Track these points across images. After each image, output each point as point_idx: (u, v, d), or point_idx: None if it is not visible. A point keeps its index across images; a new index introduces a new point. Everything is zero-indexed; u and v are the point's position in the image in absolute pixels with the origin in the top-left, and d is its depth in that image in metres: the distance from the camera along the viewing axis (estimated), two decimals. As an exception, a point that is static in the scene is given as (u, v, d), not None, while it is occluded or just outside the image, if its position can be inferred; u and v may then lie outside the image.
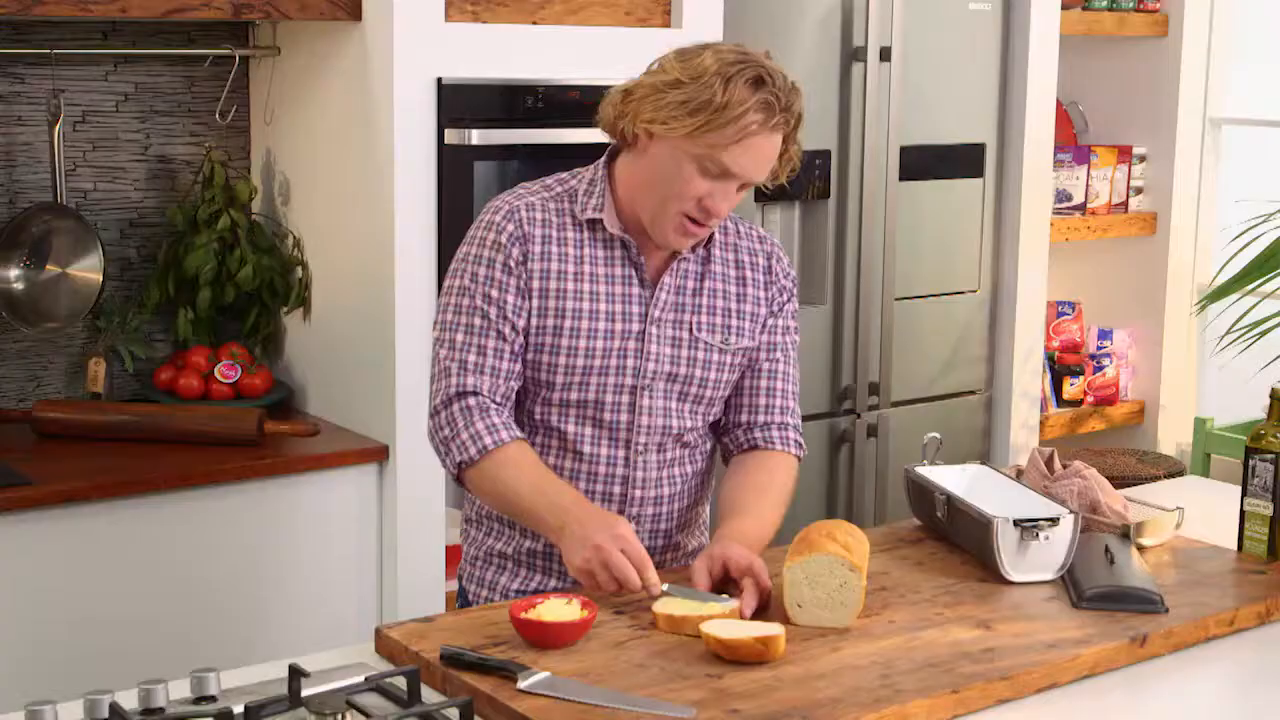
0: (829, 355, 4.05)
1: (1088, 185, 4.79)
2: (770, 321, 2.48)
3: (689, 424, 2.42)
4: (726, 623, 2.08)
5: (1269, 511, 2.51)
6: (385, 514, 3.35)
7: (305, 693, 1.87)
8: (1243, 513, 2.55)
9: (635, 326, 2.36)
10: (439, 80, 3.29)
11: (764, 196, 3.85)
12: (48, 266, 3.44)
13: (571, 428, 2.37)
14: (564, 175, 2.42)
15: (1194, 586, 2.39)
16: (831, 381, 4.06)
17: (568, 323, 2.33)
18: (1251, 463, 2.53)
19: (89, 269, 3.43)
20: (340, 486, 3.32)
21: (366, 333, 3.37)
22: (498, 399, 2.33)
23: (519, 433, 2.33)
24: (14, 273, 3.41)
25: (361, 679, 1.93)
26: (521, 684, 1.94)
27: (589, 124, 2.44)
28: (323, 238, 3.57)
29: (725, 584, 2.26)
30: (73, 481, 3.04)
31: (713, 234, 2.42)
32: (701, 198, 2.27)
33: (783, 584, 2.19)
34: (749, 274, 2.46)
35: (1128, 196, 4.89)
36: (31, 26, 3.42)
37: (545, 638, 2.06)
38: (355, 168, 3.41)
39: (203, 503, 3.17)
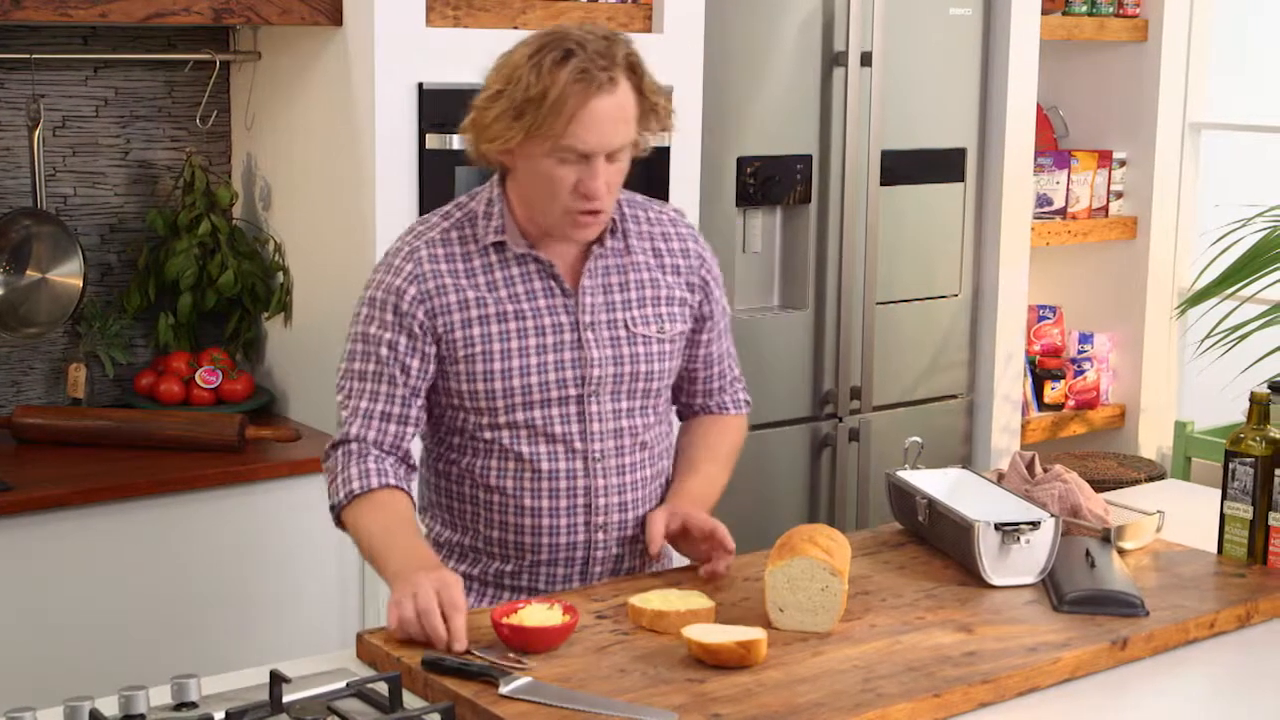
0: (811, 360, 4.06)
1: (1068, 190, 4.80)
2: (708, 317, 2.49)
3: (641, 421, 2.40)
4: (708, 627, 2.08)
5: (1249, 515, 2.52)
6: (367, 519, 3.34)
7: (287, 699, 1.87)
8: (1223, 516, 2.56)
9: (568, 336, 2.33)
10: (420, 85, 3.29)
11: (745, 200, 3.85)
12: (28, 272, 3.43)
13: (525, 448, 2.35)
14: (462, 199, 2.39)
15: (1174, 590, 2.39)
16: (813, 386, 4.07)
17: (496, 346, 2.31)
18: (1231, 466, 2.53)
19: (69, 274, 3.42)
20: (322, 492, 3.27)
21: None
22: (385, 446, 2.33)
23: (393, 480, 2.30)
24: (-7, 278, 3.41)
25: (343, 685, 1.93)
26: (503, 689, 1.94)
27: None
28: (304, 243, 3.57)
29: (679, 540, 2.37)
30: (53, 487, 3.03)
31: (620, 224, 2.38)
32: (575, 185, 2.24)
33: (764, 588, 2.19)
34: (668, 260, 2.43)
35: (1108, 201, 4.90)
36: (11, 31, 3.41)
37: (527, 642, 2.06)
38: (336, 173, 3.41)
39: (184, 508, 3.16)
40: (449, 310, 2.31)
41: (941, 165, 4.26)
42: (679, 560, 2.56)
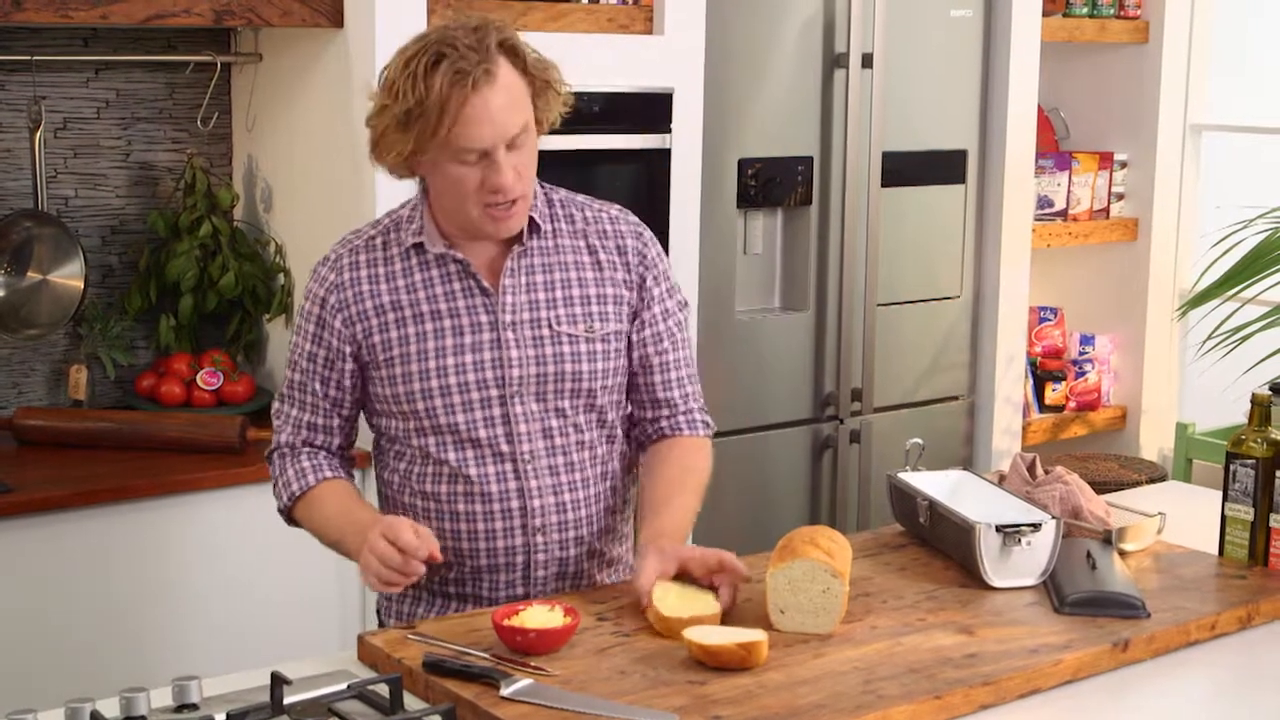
0: (812, 361, 4.05)
1: (1069, 191, 4.80)
2: (645, 313, 2.41)
3: (574, 421, 2.35)
4: (709, 629, 2.08)
5: (1250, 516, 2.52)
6: (368, 521, 3.34)
7: (287, 700, 1.87)
8: (1224, 518, 2.56)
9: (486, 336, 2.30)
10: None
11: (746, 202, 3.85)
12: (29, 273, 3.43)
13: (452, 454, 2.33)
14: (395, 208, 2.41)
15: (1176, 591, 2.39)
16: (814, 387, 4.07)
17: (414, 348, 2.30)
18: (1232, 468, 2.53)
19: (70, 276, 3.42)
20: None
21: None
22: (315, 444, 2.40)
23: (329, 473, 2.36)
24: (-5, 280, 3.41)
25: (344, 686, 1.93)
26: (504, 691, 1.94)
27: (568, 132, 2.44)
28: (305, 244, 3.57)
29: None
30: (53, 489, 3.03)
31: (550, 222, 2.36)
32: (482, 182, 2.23)
33: (765, 590, 2.19)
34: (604, 257, 2.39)
35: (1109, 202, 4.90)
36: (12, 33, 3.42)
37: (528, 644, 2.06)
38: (337, 174, 3.41)
39: (185, 510, 3.16)
40: (366, 316, 2.32)
41: (942, 167, 4.26)
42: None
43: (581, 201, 2.43)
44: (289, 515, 2.41)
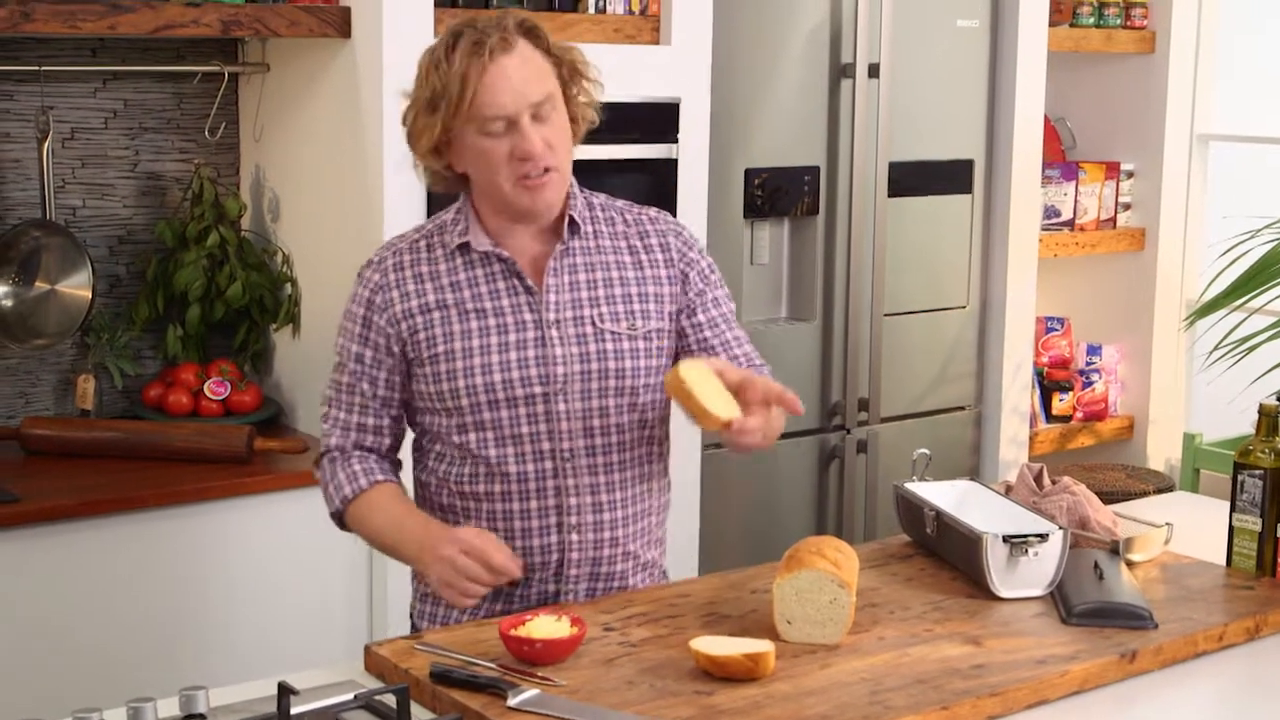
0: (818, 371, 4.05)
1: (1076, 201, 4.80)
2: (696, 301, 2.42)
3: (615, 420, 2.37)
4: (715, 639, 2.08)
5: (1257, 527, 2.52)
6: (374, 531, 3.34)
7: (294, 710, 1.87)
8: (1231, 528, 2.56)
9: (530, 334, 2.33)
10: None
11: (753, 212, 3.86)
12: (37, 283, 3.43)
13: (493, 450, 2.34)
14: (440, 213, 2.44)
15: (1183, 602, 2.39)
16: (821, 397, 4.06)
17: (458, 345, 2.32)
18: (1240, 478, 2.53)
19: (78, 286, 3.43)
20: (329, 503, 3.31)
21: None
22: (365, 447, 2.41)
23: (381, 476, 2.37)
24: (2, 289, 3.41)
25: (351, 696, 1.93)
26: (511, 701, 1.94)
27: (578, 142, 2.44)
28: (312, 254, 3.57)
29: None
30: (61, 498, 3.03)
31: (590, 225, 2.39)
32: (511, 153, 2.27)
33: (772, 600, 2.19)
34: (645, 256, 2.41)
35: (1116, 212, 4.90)
36: (20, 43, 3.42)
37: (535, 655, 2.05)
38: (344, 184, 3.41)
39: (192, 520, 3.16)
40: (411, 314, 2.35)
41: (949, 177, 4.26)
42: (674, 574, 2.56)
43: (621, 205, 2.47)
44: (341, 519, 2.41)
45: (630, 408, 2.38)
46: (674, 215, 3.66)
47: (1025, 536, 2.36)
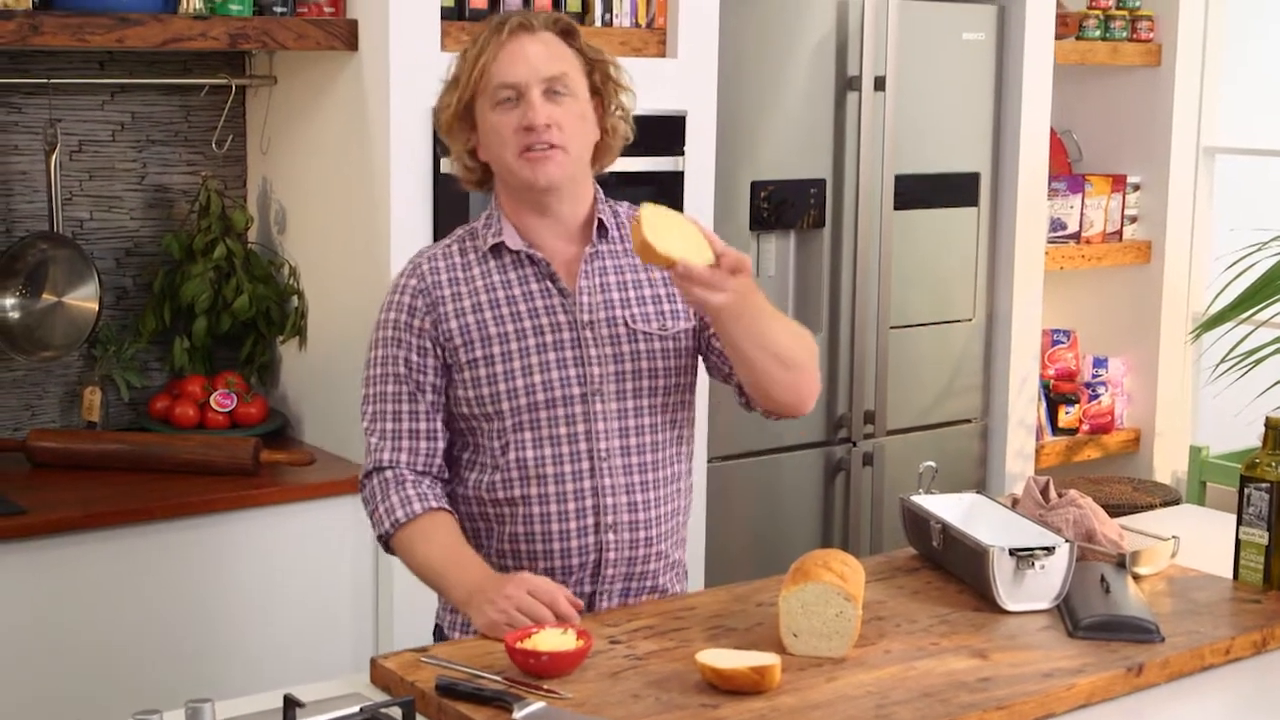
0: (824, 384, 4.03)
1: (1082, 214, 4.80)
2: None
3: (648, 421, 2.40)
4: (722, 652, 2.08)
5: (1264, 540, 2.51)
6: (380, 543, 3.34)
7: (300, 723, 1.87)
8: (1238, 541, 2.55)
9: (566, 335, 2.36)
10: (434, 109, 3.29)
11: (759, 225, 3.86)
12: (44, 295, 3.44)
13: (530, 452, 2.36)
14: (470, 222, 2.47)
15: (1190, 616, 2.38)
16: (827, 410, 4.06)
17: (496, 349, 2.34)
18: (1247, 491, 2.53)
19: (85, 298, 3.43)
20: (336, 516, 3.31)
21: (362, 362, 3.36)
22: (418, 467, 2.39)
23: (434, 503, 2.36)
24: (10, 301, 3.41)
25: (357, 709, 1.93)
26: (517, 714, 1.94)
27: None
28: (318, 266, 3.58)
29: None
30: (67, 511, 3.03)
31: (616, 229, 2.41)
32: (518, 124, 2.31)
33: (778, 613, 2.19)
34: None
35: (1122, 225, 4.90)
36: (29, 56, 3.43)
37: (541, 668, 2.05)
38: (351, 197, 3.42)
39: (198, 532, 3.16)
40: (447, 318, 2.36)
41: (955, 189, 4.26)
42: (695, 585, 2.56)
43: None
44: (387, 542, 2.39)
45: (663, 407, 2.41)
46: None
47: (1032, 550, 2.36)
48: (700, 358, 2.47)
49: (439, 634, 2.50)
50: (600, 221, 2.40)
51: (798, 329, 2.40)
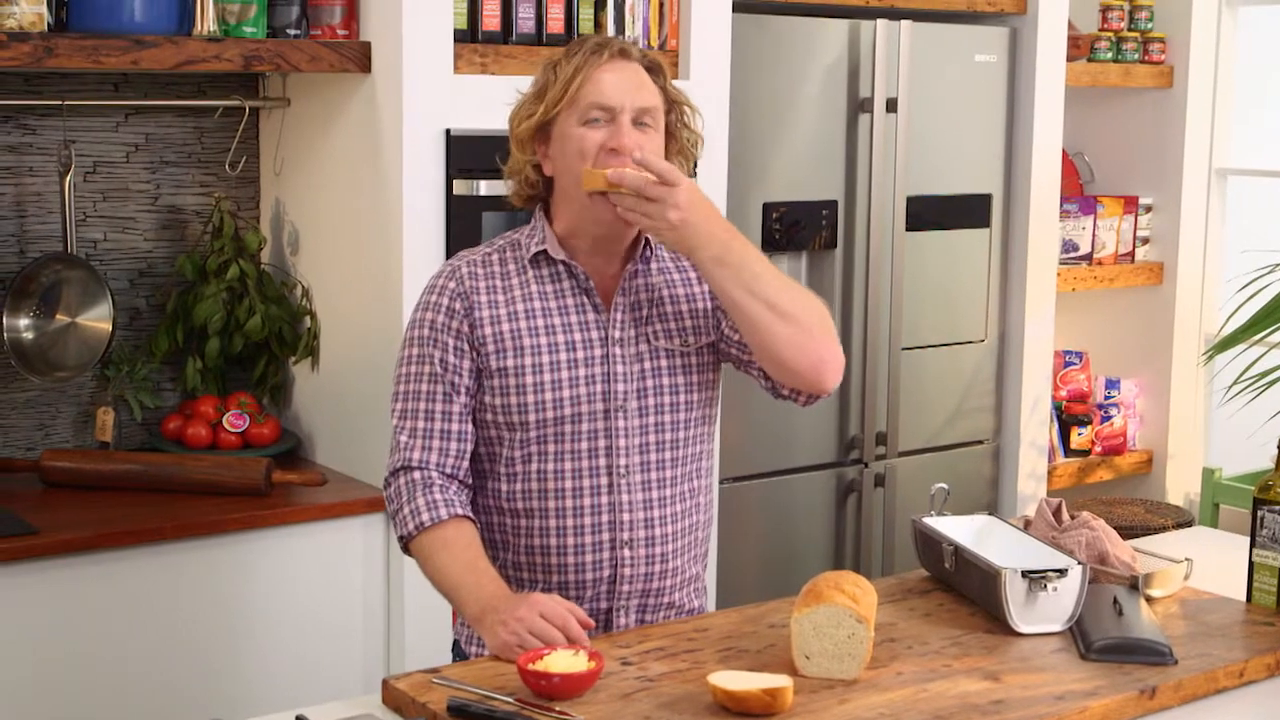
0: (836, 405, 4.05)
1: (1094, 235, 4.80)
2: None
3: (669, 437, 2.41)
4: (734, 674, 2.08)
5: (1278, 563, 2.51)
6: (392, 564, 3.34)
7: (312, 744, 1.87)
8: (1251, 564, 2.55)
9: (597, 351, 2.38)
10: (448, 131, 3.31)
11: (771, 246, 3.86)
12: (57, 316, 3.45)
13: (552, 464, 2.37)
14: (511, 232, 2.48)
15: (1203, 638, 2.38)
16: (838, 431, 4.06)
17: (528, 360, 2.35)
18: (1260, 513, 2.52)
19: (98, 318, 3.44)
20: (348, 536, 3.32)
21: (374, 383, 3.38)
22: (447, 469, 2.38)
23: (460, 510, 2.35)
24: (24, 322, 3.42)
25: (368, 730, 1.93)
26: (528, 736, 1.94)
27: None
28: (331, 288, 3.59)
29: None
30: (79, 531, 3.03)
31: (653, 248, 2.43)
32: (604, 144, 2.32)
33: (790, 635, 2.19)
34: (691, 274, 2.46)
35: (1134, 247, 4.90)
36: (43, 78, 3.45)
37: (553, 690, 2.05)
38: (364, 218, 3.43)
39: (210, 552, 3.16)
40: (483, 324, 2.37)
41: (967, 211, 4.26)
42: (708, 605, 2.56)
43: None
44: (407, 544, 2.38)
45: (685, 424, 2.43)
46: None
47: (1044, 572, 2.36)
48: (722, 358, 2.48)
49: (457, 649, 2.50)
50: (647, 241, 2.42)
51: (800, 288, 2.41)
